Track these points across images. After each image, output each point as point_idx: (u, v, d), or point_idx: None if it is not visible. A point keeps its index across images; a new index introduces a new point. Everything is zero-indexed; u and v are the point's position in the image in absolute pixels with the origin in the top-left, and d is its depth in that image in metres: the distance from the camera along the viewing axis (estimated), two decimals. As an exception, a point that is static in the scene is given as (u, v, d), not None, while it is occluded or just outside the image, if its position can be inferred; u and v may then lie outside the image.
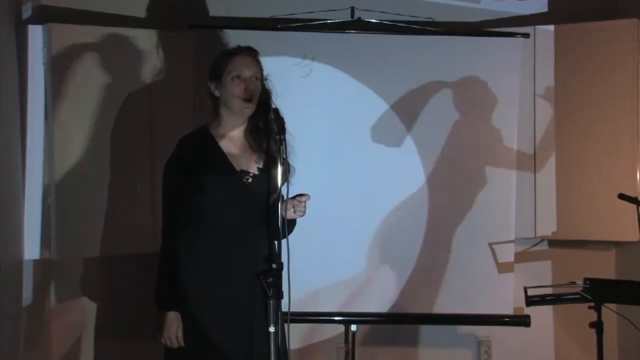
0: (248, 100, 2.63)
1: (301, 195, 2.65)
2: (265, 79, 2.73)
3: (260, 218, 2.67)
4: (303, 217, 2.69)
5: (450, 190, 3.63)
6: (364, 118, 3.61)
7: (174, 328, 2.60)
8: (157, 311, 2.63)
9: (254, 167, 2.68)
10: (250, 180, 2.66)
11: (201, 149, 2.66)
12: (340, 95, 3.59)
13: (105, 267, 3.70)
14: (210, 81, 2.69)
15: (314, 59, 3.57)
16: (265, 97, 2.71)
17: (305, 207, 2.65)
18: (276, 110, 2.61)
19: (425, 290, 3.62)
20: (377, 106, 3.61)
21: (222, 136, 2.69)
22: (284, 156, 2.54)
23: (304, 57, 3.56)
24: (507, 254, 3.64)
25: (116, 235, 3.51)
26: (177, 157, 2.67)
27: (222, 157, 2.66)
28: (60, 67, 3.41)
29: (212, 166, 2.64)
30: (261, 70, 2.71)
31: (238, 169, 2.66)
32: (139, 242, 3.51)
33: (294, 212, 2.65)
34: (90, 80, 3.46)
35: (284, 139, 2.53)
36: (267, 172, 2.67)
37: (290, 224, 2.70)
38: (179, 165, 2.65)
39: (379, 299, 3.61)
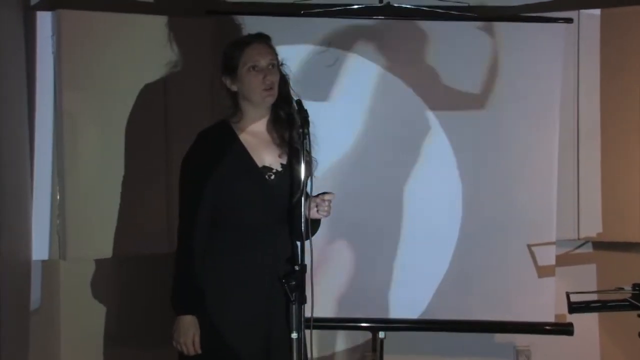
0: (269, 89, 2.61)
1: (325, 193, 2.62)
2: (281, 65, 2.70)
3: (283, 217, 2.64)
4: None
5: (486, 188, 3.57)
6: (393, 110, 3.55)
7: (190, 333, 2.56)
8: (173, 315, 2.61)
9: (277, 163, 2.66)
10: (272, 177, 2.64)
11: (221, 144, 2.64)
12: (367, 86, 3.54)
13: (118, 269, 3.68)
14: (225, 76, 2.66)
15: (340, 47, 3.51)
16: (283, 84, 2.68)
17: (329, 206, 2.62)
18: (299, 102, 2.59)
19: (458, 296, 3.56)
20: (407, 97, 3.55)
21: (244, 130, 2.67)
22: (308, 150, 2.52)
23: (329, 45, 3.50)
24: (547, 256, 3.56)
25: (130, 235, 3.49)
26: (196, 152, 2.65)
27: (243, 152, 2.63)
28: (70, 56, 3.38)
29: (232, 162, 2.62)
30: (276, 56, 2.68)
31: (260, 164, 2.64)
32: (153, 243, 3.49)
33: (317, 211, 2.62)
34: (102, 70, 3.44)
35: (308, 133, 2.50)
36: (290, 168, 2.64)
37: (315, 224, 2.67)
38: (197, 159, 2.63)
39: (409, 305, 3.56)
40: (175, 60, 3.54)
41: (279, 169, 2.66)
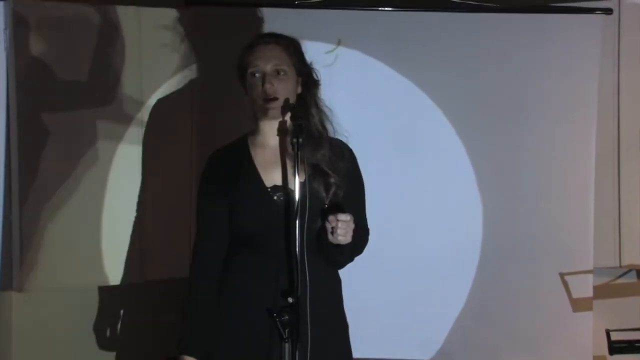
0: (270, 99, 2.55)
1: (338, 213, 2.49)
2: (309, 68, 2.66)
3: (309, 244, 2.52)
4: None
5: (510, 207, 3.51)
6: (401, 116, 3.49)
7: None
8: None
9: (291, 182, 2.59)
10: (282, 197, 2.58)
11: (232, 163, 2.65)
12: (371, 88, 3.48)
13: (83, 301, 3.62)
14: (240, 83, 2.67)
15: (340, 42, 3.47)
16: (307, 90, 2.64)
17: (345, 229, 2.48)
18: (292, 107, 2.54)
19: (478, 333, 3.52)
20: (418, 102, 3.48)
21: (259, 145, 2.64)
22: (308, 162, 2.46)
23: (328, 40, 3.45)
24: (583, 287, 3.52)
25: (97, 261, 3.46)
26: (205, 175, 2.69)
27: (251, 171, 2.61)
28: (26, 52, 3.34)
29: (240, 182, 2.61)
30: (292, 58, 2.62)
31: (269, 184, 2.59)
32: (124, 272, 3.47)
33: (331, 234, 2.49)
34: (64, 69, 3.39)
35: (302, 144, 2.40)
36: (310, 187, 2.54)
37: (339, 252, 2.56)
38: (205, 185, 2.67)
39: (421, 343, 3.52)
40: (151, 58, 3.51)
41: (293, 188, 2.55)
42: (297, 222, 2.41)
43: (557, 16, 3.53)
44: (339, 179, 2.57)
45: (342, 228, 2.47)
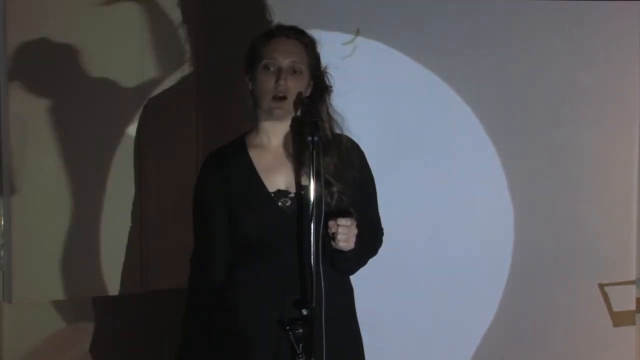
0: (280, 98, 2.53)
1: (339, 217, 2.47)
2: (324, 71, 2.65)
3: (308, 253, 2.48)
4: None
5: (544, 213, 3.50)
6: (425, 113, 3.47)
7: None
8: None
9: (296, 186, 2.59)
10: (289, 203, 2.56)
11: (230, 167, 2.62)
12: (393, 83, 3.46)
13: (79, 313, 3.58)
14: (245, 73, 2.64)
15: (359, 32, 3.45)
16: (317, 95, 2.61)
17: (346, 234, 2.47)
18: (305, 102, 2.53)
19: (509, 350, 3.52)
20: (443, 97, 3.47)
21: (259, 146, 2.63)
22: (319, 165, 2.39)
23: (345, 30, 3.44)
24: (625, 299, 3.51)
25: (94, 271, 3.45)
26: (200, 182, 2.67)
27: (252, 175, 2.59)
28: (19, 42, 3.33)
29: (241, 188, 2.59)
30: (310, 58, 2.61)
31: (272, 189, 2.58)
32: (123, 282, 3.47)
33: (332, 240, 2.48)
34: (61, 60, 3.38)
35: (318, 142, 2.37)
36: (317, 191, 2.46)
37: (342, 259, 2.55)
38: (201, 193, 2.65)
39: None
40: (154, 48, 3.50)
41: (301, 192, 2.58)
42: (312, 225, 2.38)
43: (592, 4, 3.49)
44: (342, 186, 2.56)
45: (342, 233, 2.46)
